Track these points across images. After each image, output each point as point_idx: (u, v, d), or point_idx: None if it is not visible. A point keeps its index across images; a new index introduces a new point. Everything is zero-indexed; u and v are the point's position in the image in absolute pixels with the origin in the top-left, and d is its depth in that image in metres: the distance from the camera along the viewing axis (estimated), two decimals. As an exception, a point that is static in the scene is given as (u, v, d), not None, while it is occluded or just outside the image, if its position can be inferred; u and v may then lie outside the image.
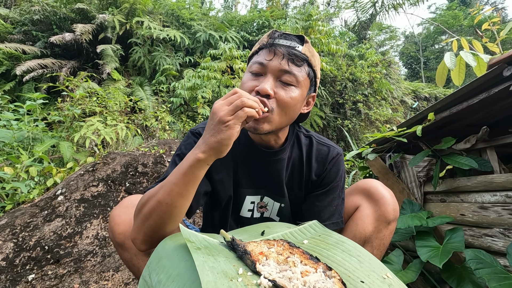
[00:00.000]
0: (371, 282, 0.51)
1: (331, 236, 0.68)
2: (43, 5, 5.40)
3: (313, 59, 0.83)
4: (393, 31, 19.85)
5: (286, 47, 0.77)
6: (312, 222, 0.77)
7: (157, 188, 0.69)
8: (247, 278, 0.47)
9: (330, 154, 0.94)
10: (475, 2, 18.92)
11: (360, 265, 0.56)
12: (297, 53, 0.77)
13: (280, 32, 0.81)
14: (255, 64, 0.79)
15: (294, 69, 0.77)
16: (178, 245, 0.57)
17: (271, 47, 0.78)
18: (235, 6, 13.33)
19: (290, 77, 0.77)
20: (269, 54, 0.78)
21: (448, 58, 1.47)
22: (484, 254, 1.09)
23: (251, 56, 0.85)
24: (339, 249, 0.62)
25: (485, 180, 1.30)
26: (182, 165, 0.67)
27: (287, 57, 0.76)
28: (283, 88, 0.77)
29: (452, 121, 1.47)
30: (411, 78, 17.65)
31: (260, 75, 0.78)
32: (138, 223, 0.70)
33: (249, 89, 0.77)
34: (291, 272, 0.48)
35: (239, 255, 0.55)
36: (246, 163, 0.92)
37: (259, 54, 0.81)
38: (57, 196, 2.01)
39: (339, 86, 6.47)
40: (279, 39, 0.80)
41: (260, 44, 0.83)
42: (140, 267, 0.78)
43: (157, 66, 5.81)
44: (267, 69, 0.77)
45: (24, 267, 1.58)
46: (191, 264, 0.49)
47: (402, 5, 8.74)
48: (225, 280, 0.45)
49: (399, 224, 1.37)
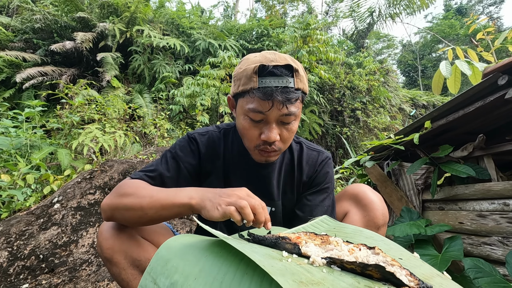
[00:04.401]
0: (408, 259, 0.51)
1: (346, 227, 0.69)
2: (45, 14, 5.46)
3: (303, 83, 0.79)
4: (391, 39, 20.15)
5: (282, 93, 0.73)
6: (323, 216, 0.76)
7: (145, 192, 0.73)
8: (295, 259, 0.45)
9: (320, 157, 0.98)
10: (471, 11, 19.24)
11: (389, 247, 0.56)
12: (292, 96, 0.74)
13: (268, 68, 0.74)
14: (254, 112, 0.76)
15: (292, 109, 0.76)
16: (189, 244, 0.54)
17: (266, 97, 0.73)
18: (234, 15, 13.51)
19: (290, 118, 0.78)
20: (266, 104, 0.74)
21: (444, 66, 1.49)
22: (483, 263, 1.08)
23: (240, 93, 0.79)
24: (362, 236, 0.62)
25: (482, 188, 1.30)
26: (176, 196, 0.69)
27: (286, 103, 0.74)
28: (285, 128, 0.80)
29: (449, 129, 1.48)
30: (409, 86, 17.79)
31: (260, 121, 0.78)
32: (114, 205, 0.75)
33: (254, 137, 0.80)
34: (338, 251, 0.47)
35: (273, 242, 0.51)
36: (238, 167, 0.93)
37: (253, 98, 0.75)
38: (54, 204, 2.00)
39: (337, 94, 6.51)
40: (272, 82, 0.73)
41: (250, 85, 0.75)
42: (129, 281, 0.77)
43: (157, 74, 5.85)
44: (268, 117, 0.76)
45: (18, 276, 1.56)
46: (215, 259, 0.47)
47: (399, 15, 8.88)
48: (275, 260, 0.42)
49: (398, 232, 1.36)
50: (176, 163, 0.88)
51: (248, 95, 0.77)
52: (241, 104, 0.80)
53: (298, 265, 0.42)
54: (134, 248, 0.78)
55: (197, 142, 0.92)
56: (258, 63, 0.75)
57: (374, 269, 0.40)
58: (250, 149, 0.85)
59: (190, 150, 0.91)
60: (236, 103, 0.84)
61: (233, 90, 0.83)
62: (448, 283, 0.45)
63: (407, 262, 0.50)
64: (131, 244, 0.78)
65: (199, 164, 0.92)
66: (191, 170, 0.90)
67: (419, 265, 0.51)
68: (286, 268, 0.40)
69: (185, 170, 0.88)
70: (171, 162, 0.87)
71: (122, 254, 0.78)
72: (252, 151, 0.85)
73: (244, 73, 0.77)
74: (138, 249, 0.79)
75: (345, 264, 0.43)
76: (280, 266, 0.40)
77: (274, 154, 0.83)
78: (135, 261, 0.78)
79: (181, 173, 0.88)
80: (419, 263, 0.52)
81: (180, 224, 2.15)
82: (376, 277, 0.41)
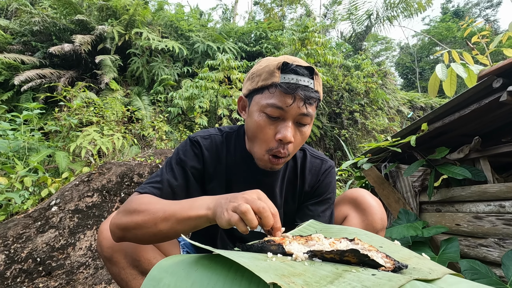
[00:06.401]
0: (388, 246, 0.55)
1: (332, 227, 0.71)
2: (43, 17, 5.47)
3: (320, 87, 0.79)
4: (389, 42, 20.27)
5: (304, 89, 0.73)
6: (309, 221, 0.77)
7: (157, 207, 0.67)
8: (280, 258, 0.47)
9: (323, 166, 0.96)
10: (468, 14, 19.39)
11: (370, 239, 0.59)
12: (313, 96, 0.74)
13: (291, 66, 0.74)
14: (272, 107, 0.74)
15: (310, 110, 0.75)
16: (179, 261, 0.54)
17: (290, 91, 0.72)
18: (233, 17, 13.56)
19: (307, 119, 0.77)
20: (288, 98, 0.72)
21: (440, 69, 1.50)
22: (479, 265, 1.08)
23: (259, 89, 0.78)
24: (346, 233, 0.64)
25: (479, 190, 1.31)
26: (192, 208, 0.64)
27: (306, 101, 0.73)
28: (300, 130, 0.78)
29: (445, 131, 1.49)
30: (407, 88, 17.88)
31: (277, 119, 0.76)
32: (124, 225, 0.68)
33: (269, 136, 0.76)
34: (319, 245, 0.49)
35: (259, 247, 0.52)
36: (240, 173, 0.91)
37: (273, 93, 0.74)
38: (51, 207, 1.99)
39: (335, 96, 6.53)
40: (296, 79, 0.73)
41: (272, 80, 0.74)
42: (128, 281, 0.77)
43: (155, 76, 5.85)
44: (286, 114, 0.74)
45: (15, 279, 1.55)
46: (205, 271, 0.48)
47: (397, 18, 8.94)
48: (259, 261, 0.43)
49: (395, 234, 1.37)
50: (182, 169, 0.83)
51: (267, 90, 0.75)
52: (257, 101, 0.77)
53: (282, 262, 0.44)
54: (133, 248, 0.78)
55: (200, 146, 0.88)
56: (281, 61, 0.75)
57: (350, 254, 0.43)
58: (259, 154, 0.80)
59: (194, 154, 0.87)
60: (250, 102, 0.81)
61: (250, 88, 0.81)
62: (425, 262, 0.48)
63: (387, 249, 0.53)
64: (131, 244, 0.78)
65: (203, 168, 0.88)
66: (197, 175, 0.86)
67: (399, 250, 0.54)
68: (270, 266, 0.42)
69: (192, 176, 0.84)
70: (177, 169, 0.83)
71: (121, 254, 0.78)
72: (261, 156, 0.79)
73: (265, 69, 0.77)
74: (138, 249, 0.79)
75: (324, 255, 0.46)
76: (264, 264, 0.42)
77: (283, 161, 0.80)
78: (135, 261, 0.78)
79: (189, 179, 0.83)
80: (398, 248, 0.55)
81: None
82: (353, 261, 0.44)
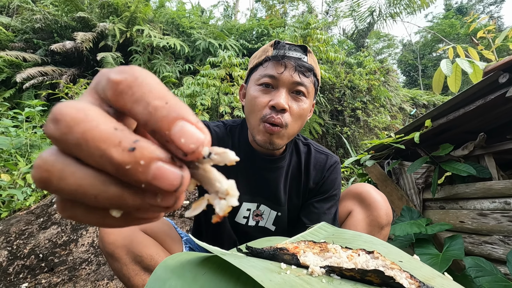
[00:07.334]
0: (407, 261, 0.51)
1: (345, 233, 0.68)
2: (45, 14, 5.47)
3: (317, 68, 0.84)
4: (391, 39, 20.11)
5: (295, 59, 0.77)
6: (321, 223, 0.75)
7: None
8: (294, 271, 0.43)
9: (328, 162, 0.95)
10: (471, 10, 19.22)
11: (388, 250, 0.55)
12: (305, 65, 0.78)
13: (284, 43, 0.81)
14: (264, 77, 0.78)
15: (304, 80, 0.78)
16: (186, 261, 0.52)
17: (280, 60, 0.76)
18: (234, 15, 13.51)
19: (301, 89, 0.78)
20: (279, 66, 0.76)
21: (445, 65, 1.48)
22: (484, 262, 1.07)
23: (254, 67, 0.83)
24: (360, 241, 0.61)
25: (483, 187, 1.29)
26: None
27: (298, 69, 0.76)
28: (295, 101, 0.79)
29: (449, 128, 1.47)
30: (409, 85, 17.76)
31: (271, 88, 0.78)
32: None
33: (263, 104, 0.77)
34: (336, 258, 0.46)
35: (270, 254, 0.50)
36: (245, 169, 0.90)
37: (266, 66, 0.79)
38: (54, 203, 1.99)
39: (337, 94, 6.50)
40: (287, 51, 0.78)
41: (265, 55, 0.80)
42: (130, 277, 0.77)
43: (157, 74, 5.85)
44: (278, 82, 0.77)
45: (18, 275, 1.56)
46: (213, 276, 0.46)
47: (400, 14, 8.87)
48: (273, 274, 0.41)
49: (398, 231, 1.36)
50: None
51: (261, 66, 0.80)
52: (253, 78, 0.83)
53: (297, 277, 0.41)
54: (136, 244, 0.78)
55: (210, 130, 0.88)
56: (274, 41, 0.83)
57: (373, 274, 0.39)
58: (255, 125, 0.80)
59: None
60: (248, 84, 0.86)
61: (247, 72, 0.87)
62: (450, 284, 0.44)
63: (407, 265, 0.49)
64: (133, 239, 0.77)
65: None
66: None
67: (419, 266, 0.50)
68: (285, 281, 0.39)
69: None
70: None
71: (123, 249, 0.77)
72: (257, 126, 0.79)
73: (260, 50, 0.84)
74: (140, 245, 0.78)
75: (344, 272, 0.42)
76: (278, 279, 0.39)
77: (280, 130, 0.77)
78: (137, 257, 0.77)
79: None
80: (419, 265, 0.51)
81: (180, 223, 2.15)
82: (376, 282, 0.40)
